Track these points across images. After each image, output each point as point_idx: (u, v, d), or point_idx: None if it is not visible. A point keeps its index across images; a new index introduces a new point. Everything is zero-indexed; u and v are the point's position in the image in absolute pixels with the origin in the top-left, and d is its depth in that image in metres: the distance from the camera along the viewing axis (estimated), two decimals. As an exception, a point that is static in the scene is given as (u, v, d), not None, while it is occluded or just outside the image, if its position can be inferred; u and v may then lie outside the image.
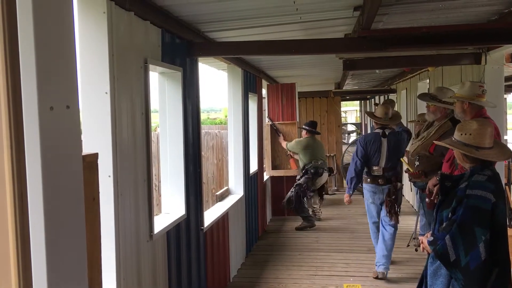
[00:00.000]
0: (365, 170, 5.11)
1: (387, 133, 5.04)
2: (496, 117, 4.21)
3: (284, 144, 7.69)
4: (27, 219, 1.09)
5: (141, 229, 2.88)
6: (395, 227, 5.06)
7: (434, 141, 3.07)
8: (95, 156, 1.40)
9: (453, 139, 2.70)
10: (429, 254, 2.69)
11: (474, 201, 2.42)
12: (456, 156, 2.74)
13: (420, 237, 2.78)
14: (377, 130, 5.13)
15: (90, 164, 1.32)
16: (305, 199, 7.32)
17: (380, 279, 4.97)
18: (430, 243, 2.56)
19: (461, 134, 2.64)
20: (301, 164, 7.45)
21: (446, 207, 2.55)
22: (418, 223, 5.31)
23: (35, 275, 1.10)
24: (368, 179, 5.15)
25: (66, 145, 1.20)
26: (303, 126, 7.52)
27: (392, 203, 4.96)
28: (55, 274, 1.13)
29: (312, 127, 7.44)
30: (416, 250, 5.61)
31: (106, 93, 2.46)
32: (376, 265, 5.09)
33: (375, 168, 5.05)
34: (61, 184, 1.18)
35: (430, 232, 2.76)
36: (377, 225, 5.23)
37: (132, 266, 2.73)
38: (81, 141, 1.27)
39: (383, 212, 5.08)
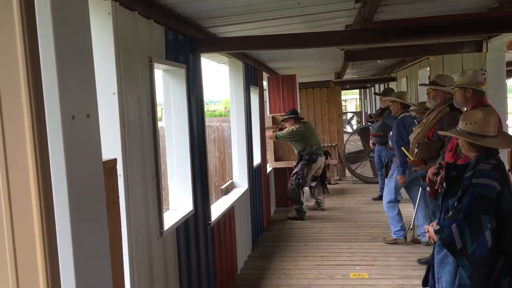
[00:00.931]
0: None
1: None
2: (498, 104, 4.25)
3: (271, 134, 7.37)
4: (53, 225, 1.12)
5: (151, 226, 2.92)
6: None
7: (439, 132, 3.09)
8: (114, 162, 1.43)
9: (458, 128, 2.73)
10: (435, 243, 2.73)
11: (479, 189, 2.46)
12: (461, 145, 2.77)
13: (426, 226, 2.82)
14: (406, 114, 5.79)
15: (109, 170, 1.35)
16: (301, 192, 7.32)
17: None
18: (436, 231, 2.59)
19: (466, 124, 2.67)
20: (296, 152, 7.45)
21: (452, 196, 2.58)
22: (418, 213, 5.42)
23: (63, 280, 1.14)
24: None
25: (87, 152, 1.23)
26: (287, 117, 7.36)
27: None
28: (83, 279, 1.17)
29: (295, 114, 7.38)
30: (412, 241, 5.71)
31: (114, 94, 2.49)
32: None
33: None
34: (84, 190, 1.21)
35: (436, 221, 2.79)
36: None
37: (144, 263, 2.77)
38: (101, 147, 1.30)
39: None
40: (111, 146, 2.46)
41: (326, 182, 8.06)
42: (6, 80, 1.08)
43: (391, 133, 6.15)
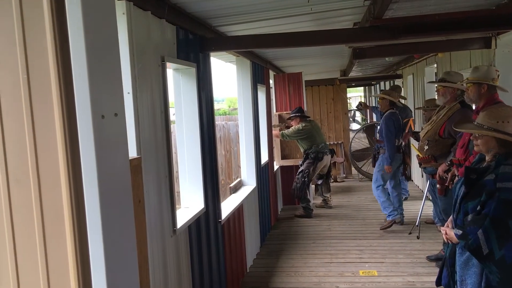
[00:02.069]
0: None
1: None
2: (509, 100, 4.23)
3: (277, 133, 7.38)
4: (84, 222, 1.14)
5: (165, 225, 2.94)
6: None
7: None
8: (139, 160, 1.44)
9: (485, 126, 2.58)
10: (450, 244, 2.69)
11: (505, 194, 2.39)
12: (484, 143, 2.61)
13: (443, 228, 2.77)
14: (392, 110, 6.38)
15: (135, 168, 1.37)
16: (307, 190, 7.34)
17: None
18: (459, 237, 2.54)
19: (498, 122, 2.54)
20: (302, 150, 7.46)
21: (472, 199, 2.51)
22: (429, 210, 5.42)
23: (94, 277, 1.16)
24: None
25: (116, 151, 1.25)
26: (293, 115, 7.35)
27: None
28: (112, 274, 1.19)
29: (301, 112, 7.38)
30: (417, 237, 5.70)
31: (129, 93, 2.50)
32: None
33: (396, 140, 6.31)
34: (114, 188, 1.23)
35: (451, 221, 2.75)
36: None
37: (158, 261, 2.80)
38: (127, 146, 1.32)
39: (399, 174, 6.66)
40: (126, 145, 2.48)
41: (330, 181, 8.06)
42: (37, 81, 1.10)
43: (378, 127, 6.89)
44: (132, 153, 2.48)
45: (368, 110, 8.85)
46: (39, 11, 1.09)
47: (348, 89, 13.05)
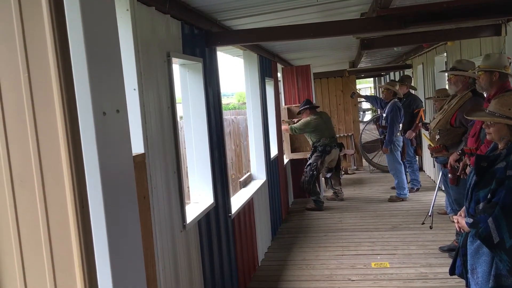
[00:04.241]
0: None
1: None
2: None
3: (286, 127, 7.38)
4: (88, 219, 1.14)
5: (174, 220, 2.94)
6: None
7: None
8: (143, 156, 1.44)
9: (497, 114, 2.55)
10: (464, 233, 2.67)
11: None
12: (496, 131, 2.58)
13: (455, 217, 2.76)
14: (395, 100, 7.38)
15: (139, 164, 1.37)
16: (317, 183, 7.33)
17: None
18: (470, 225, 2.52)
19: (509, 109, 2.50)
20: (310, 143, 7.43)
21: (483, 187, 2.49)
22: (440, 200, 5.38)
23: (100, 273, 1.16)
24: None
25: (118, 147, 1.24)
26: (302, 108, 7.31)
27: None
28: (118, 272, 1.19)
29: (309, 104, 7.34)
30: (430, 227, 5.65)
31: (134, 89, 2.50)
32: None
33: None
34: (117, 185, 1.23)
35: (464, 211, 2.73)
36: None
37: (169, 256, 2.81)
38: (130, 142, 1.31)
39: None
40: (133, 141, 2.47)
41: (341, 173, 8.03)
42: (38, 78, 1.09)
43: (384, 114, 7.50)
44: (139, 149, 2.48)
45: (362, 98, 9.84)
46: (38, 9, 1.08)
47: (357, 81, 12.94)
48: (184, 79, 3.65)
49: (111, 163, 1.20)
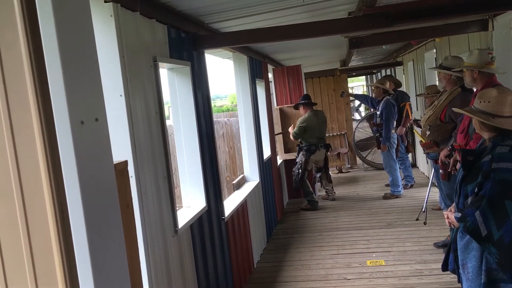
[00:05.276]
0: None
1: None
2: (507, 83, 4.18)
3: (291, 138, 7.40)
4: (69, 231, 1.13)
5: (166, 225, 2.93)
6: None
7: (453, 108, 3.01)
8: (125, 164, 1.43)
9: (473, 107, 2.64)
10: (455, 228, 2.68)
11: (501, 174, 2.37)
12: (474, 124, 2.67)
13: (445, 212, 2.76)
14: (387, 96, 7.42)
15: (121, 172, 1.35)
16: (309, 183, 7.33)
17: None
18: (459, 219, 2.53)
19: (480, 102, 2.58)
20: (298, 141, 7.43)
21: (471, 182, 2.50)
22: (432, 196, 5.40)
23: (82, 284, 1.14)
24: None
25: (98, 156, 1.23)
26: (299, 102, 7.32)
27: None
28: (101, 282, 1.18)
29: (307, 99, 7.32)
30: (424, 223, 5.67)
31: (121, 95, 2.49)
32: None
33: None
34: (97, 194, 1.21)
35: (454, 206, 2.74)
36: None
37: (161, 262, 2.79)
38: (111, 150, 1.30)
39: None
40: (121, 148, 2.47)
41: (330, 172, 8.00)
42: (14, 89, 1.08)
43: (378, 112, 7.50)
44: (127, 155, 2.47)
45: (351, 97, 9.93)
46: (11, 17, 1.07)
47: (349, 79, 12.95)
48: (173, 83, 3.63)
49: (91, 173, 1.19)
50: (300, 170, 7.17)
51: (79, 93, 1.17)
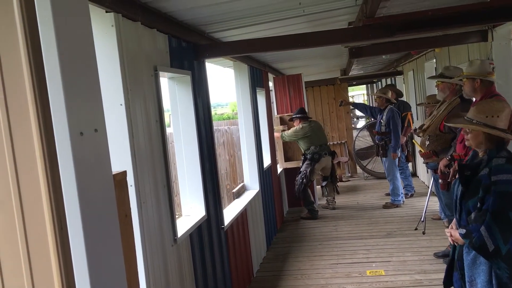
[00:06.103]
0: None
1: None
2: (506, 93, 4.19)
3: (278, 134, 7.51)
4: (67, 241, 1.13)
5: (165, 234, 2.93)
6: None
7: (450, 124, 2.96)
8: (124, 174, 1.44)
9: (474, 121, 2.56)
10: (457, 244, 2.64)
11: (502, 186, 2.35)
12: (473, 138, 2.59)
13: (447, 230, 2.71)
14: (390, 106, 7.51)
15: (120, 183, 1.36)
16: (310, 192, 7.34)
17: None
18: (464, 236, 2.49)
19: (486, 117, 2.51)
20: (302, 151, 7.47)
21: (471, 197, 2.47)
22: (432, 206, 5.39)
23: (80, 295, 1.15)
24: None
25: (97, 167, 1.24)
26: (294, 116, 7.43)
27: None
28: (99, 293, 1.18)
29: (302, 113, 7.40)
30: (423, 233, 5.64)
31: (121, 104, 2.50)
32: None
33: None
34: (96, 205, 1.22)
35: (455, 223, 2.70)
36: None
37: (160, 271, 2.79)
38: (110, 161, 1.31)
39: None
40: (121, 157, 2.47)
41: (337, 181, 8.01)
42: (14, 100, 1.09)
43: (382, 121, 7.54)
44: (127, 165, 2.48)
45: (350, 106, 10.04)
46: (12, 29, 1.08)
47: (350, 88, 12.97)
48: (173, 92, 3.65)
49: (90, 183, 1.20)
50: (304, 180, 7.17)
51: (79, 104, 1.18)
